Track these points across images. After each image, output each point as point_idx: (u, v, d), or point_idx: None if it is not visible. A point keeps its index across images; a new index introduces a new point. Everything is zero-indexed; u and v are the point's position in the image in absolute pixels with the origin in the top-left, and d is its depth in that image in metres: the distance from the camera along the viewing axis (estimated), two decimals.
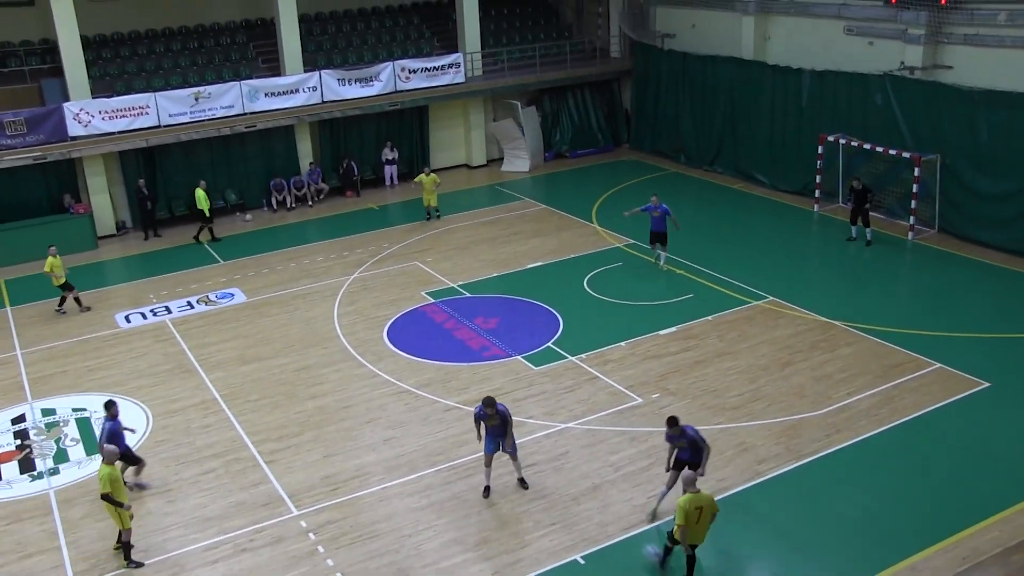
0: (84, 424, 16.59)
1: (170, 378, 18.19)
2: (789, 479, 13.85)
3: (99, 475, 12.49)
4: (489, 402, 13.37)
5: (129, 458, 14.33)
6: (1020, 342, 17.90)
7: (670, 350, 18.22)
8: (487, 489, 13.85)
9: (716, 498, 11.64)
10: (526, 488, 13.92)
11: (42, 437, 16.24)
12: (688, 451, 12.74)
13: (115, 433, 13.84)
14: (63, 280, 21.45)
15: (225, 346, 19.50)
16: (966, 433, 14.98)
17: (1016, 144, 21.85)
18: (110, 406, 14.07)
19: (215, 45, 30.60)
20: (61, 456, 15.62)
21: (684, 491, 11.18)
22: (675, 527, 11.36)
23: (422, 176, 26.90)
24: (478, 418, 13.61)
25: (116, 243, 26.92)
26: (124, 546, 12.72)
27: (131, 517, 12.65)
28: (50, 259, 21.16)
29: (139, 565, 12.74)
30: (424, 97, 30.55)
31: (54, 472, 15.15)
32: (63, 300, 21.66)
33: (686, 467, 12.56)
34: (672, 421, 12.65)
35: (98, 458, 15.26)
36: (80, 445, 15.90)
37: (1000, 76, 22.47)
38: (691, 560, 11.63)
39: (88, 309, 21.78)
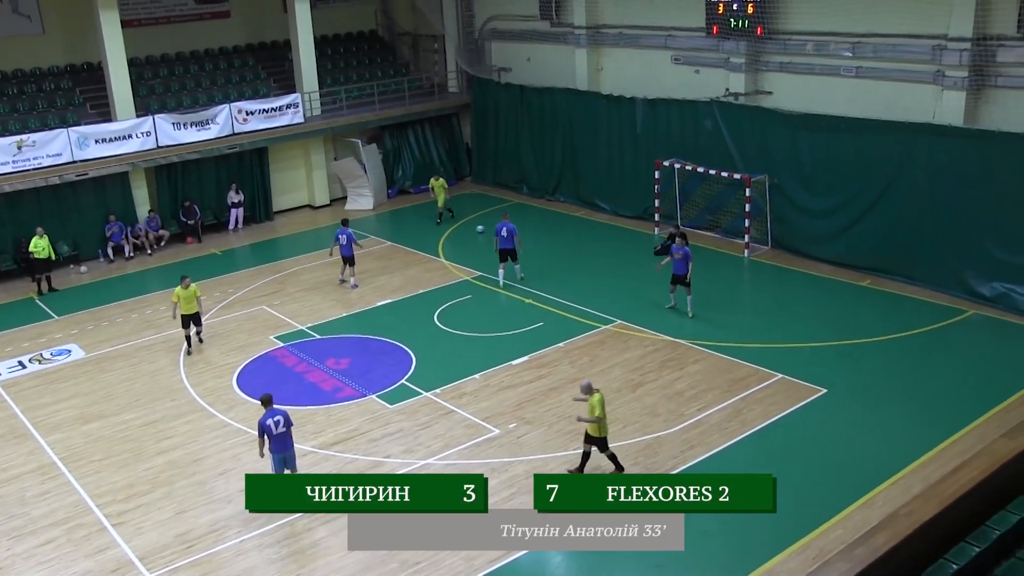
0: None
1: (0, 445, 17.05)
2: None
3: None
4: (267, 399, 14.06)
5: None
6: (850, 348, 18.99)
7: (524, 379, 18.39)
8: None
9: None
10: None
11: None
12: (682, 264, 19.97)
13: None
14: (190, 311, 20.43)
15: (63, 405, 18.45)
16: (808, 438, 15.77)
17: (834, 164, 23.22)
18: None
19: (37, 91, 29.16)
20: None
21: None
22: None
23: (432, 181, 30.12)
24: (263, 429, 13.83)
25: None
26: None
27: None
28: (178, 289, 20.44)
29: None
30: (263, 139, 30.00)
31: None
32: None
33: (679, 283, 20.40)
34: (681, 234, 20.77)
35: None
36: None
37: (814, 100, 23.94)
38: (587, 457, 14.39)
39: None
